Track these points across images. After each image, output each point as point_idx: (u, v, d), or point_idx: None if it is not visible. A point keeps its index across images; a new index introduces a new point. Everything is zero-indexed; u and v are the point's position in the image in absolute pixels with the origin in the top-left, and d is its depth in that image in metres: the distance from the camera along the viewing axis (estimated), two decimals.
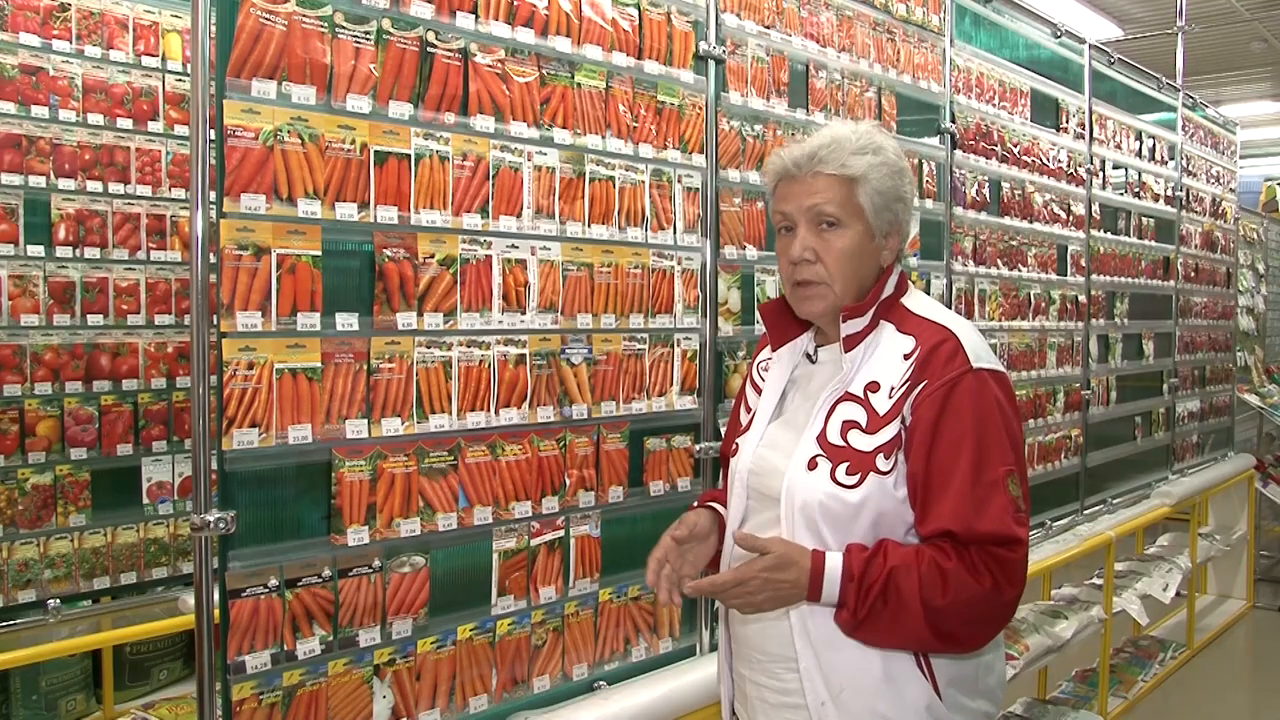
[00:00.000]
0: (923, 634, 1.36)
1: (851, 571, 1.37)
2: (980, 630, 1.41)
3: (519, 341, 1.93)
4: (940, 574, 1.35)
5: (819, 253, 1.48)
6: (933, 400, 1.39)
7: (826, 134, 1.50)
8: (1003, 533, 1.36)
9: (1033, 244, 3.72)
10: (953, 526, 1.36)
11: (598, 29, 2.07)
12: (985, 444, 1.38)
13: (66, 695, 3.08)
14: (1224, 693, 4.53)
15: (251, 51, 1.56)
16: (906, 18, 2.96)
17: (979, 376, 1.41)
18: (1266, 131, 11.38)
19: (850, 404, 1.45)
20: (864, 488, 1.40)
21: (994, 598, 1.36)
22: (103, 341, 2.80)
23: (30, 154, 2.67)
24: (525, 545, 1.97)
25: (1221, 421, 5.65)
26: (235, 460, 1.56)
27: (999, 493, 1.37)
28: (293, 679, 1.63)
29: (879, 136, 1.51)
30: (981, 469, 1.37)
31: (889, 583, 1.35)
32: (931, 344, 1.43)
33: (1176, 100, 5.01)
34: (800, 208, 1.48)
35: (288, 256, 1.60)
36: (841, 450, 1.43)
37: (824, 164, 1.47)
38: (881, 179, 1.48)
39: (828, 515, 1.41)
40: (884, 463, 1.41)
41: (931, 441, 1.38)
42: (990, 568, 1.35)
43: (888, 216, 1.50)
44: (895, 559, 1.37)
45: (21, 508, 2.65)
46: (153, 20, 2.87)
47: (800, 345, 1.62)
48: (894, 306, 1.51)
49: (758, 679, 1.53)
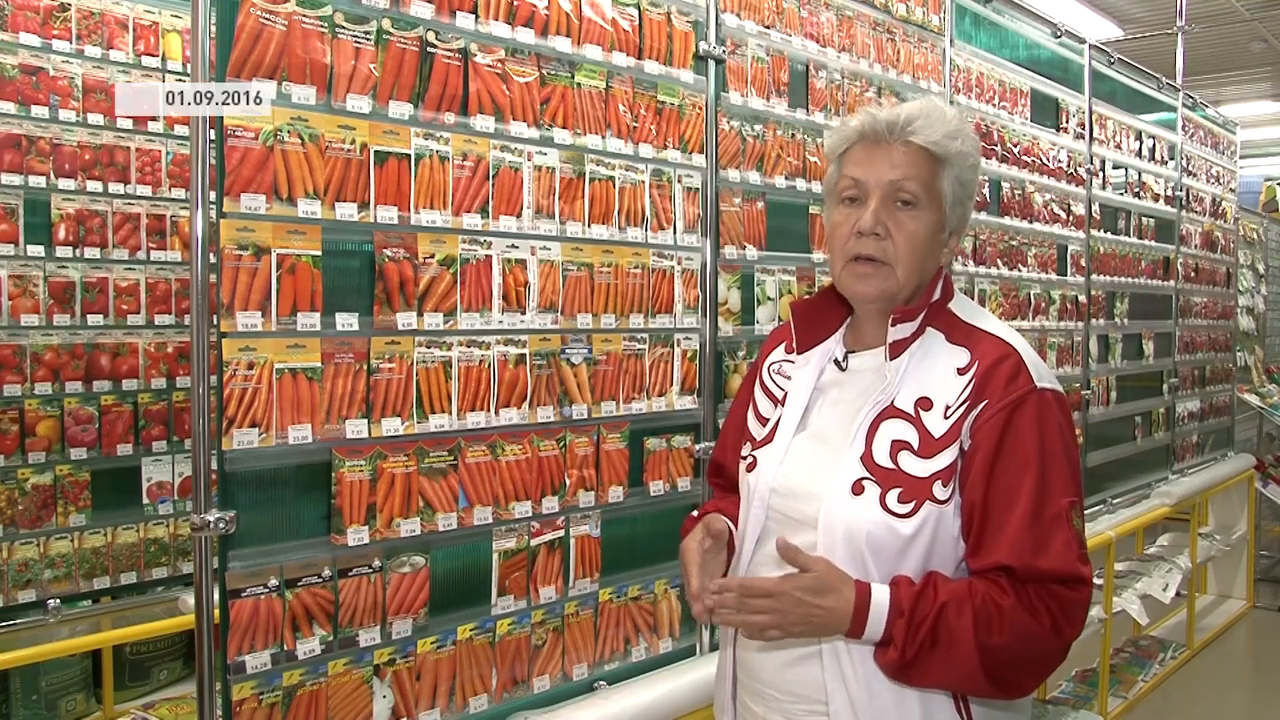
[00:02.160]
0: (974, 676, 1.24)
1: (901, 607, 1.24)
2: (1033, 674, 1.31)
3: (519, 341, 1.93)
4: (997, 611, 1.23)
5: (891, 230, 1.34)
6: (994, 423, 1.27)
7: (921, 104, 1.37)
8: (1066, 571, 1.24)
9: (1033, 244, 3.72)
10: (1012, 562, 1.24)
11: (598, 29, 2.07)
12: (1049, 473, 1.26)
13: (66, 695, 3.08)
14: (1224, 693, 4.53)
15: (251, 51, 1.56)
16: (906, 18, 2.96)
17: (1043, 398, 1.29)
18: (1266, 131, 11.38)
19: (899, 421, 1.32)
20: (918, 517, 1.28)
21: (1051, 640, 1.25)
22: (103, 341, 2.80)
23: (30, 154, 2.67)
24: (525, 545, 1.97)
25: (1221, 421, 5.65)
26: (235, 460, 1.56)
27: (1062, 527, 1.25)
28: (293, 679, 1.63)
29: (966, 126, 1.39)
30: (1044, 501, 1.25)
31: (939, 620, 1.23)
32: (991, 360, 1.31)
33: (1176, 100, 5.01)
34: (879, 179, 1.34)
35: (288, 256, 1.60)
36: (892, 474, 1.30)
37: (915, 134, 1.34)
38: (965, 169, 1.37)
39: (875, 546, 1.28)
40: (941, 490, 1.28)
41: (991, 469, 1.26)
42: (1050, 607, 1.24)
43: (960, 212, 1.39)
44: (946, 594, 1.25)
45: (21, 508, 2.65)
46: (153, 20, 2.87)
47: (829, 350, 1.47)
48: (941, 312, 1.39)
49: (773, 718, 1.39)
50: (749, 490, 1.45)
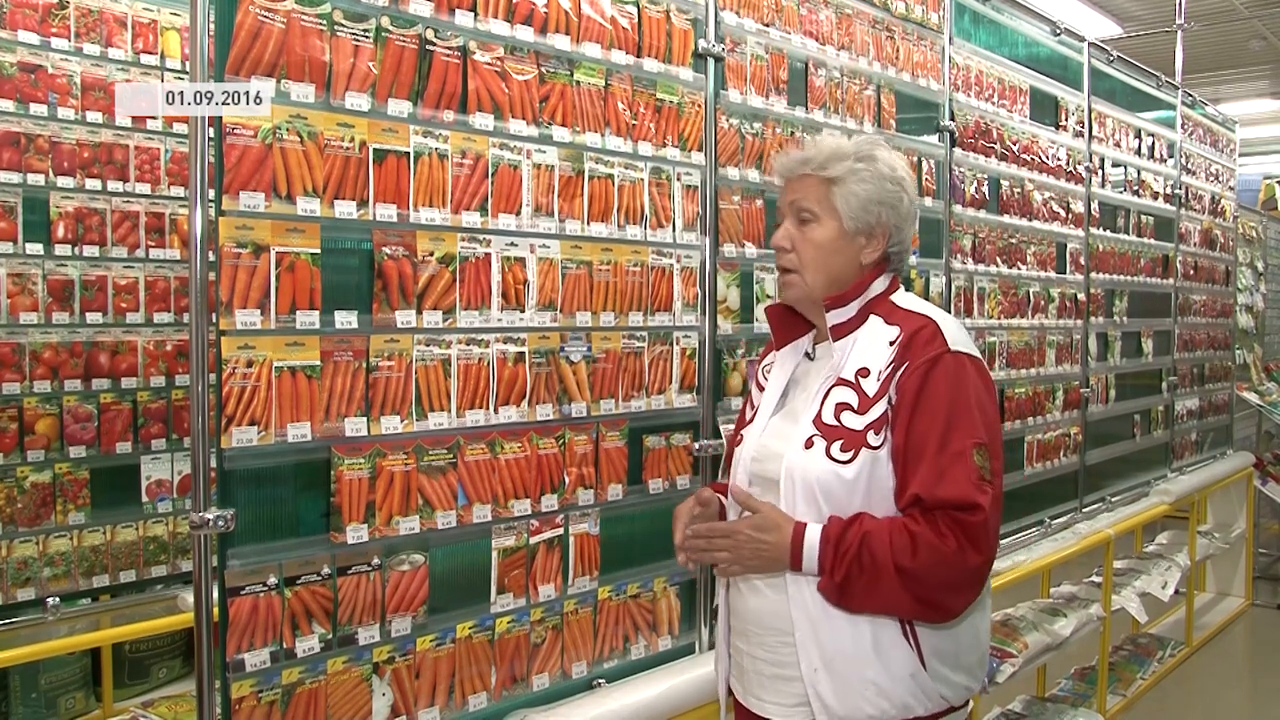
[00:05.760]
0: (900, 598, 1.46)
1: (829, 536, 1.48)
2: (953, 596, 1.49)
3: (518, 339, 1.93)
4: (909, 537, 1.44)
5: (795, 243, 1.63)
6: (914, 378, 1.50)
7: (819, 144, 1.64)
8: (963, 498, 1.44)
9: (1032, 242, 3.72)
10: (920, 491, 1.46)
11: (597, 27, 2.06)
12: (955, 418, 1.48)
13: (66, 693, 3.08)
14: (1223, 690, 4.53)
15: (250, 49, 1.56)
16: (906, 15, 2.96)
17: (956, 358, 1.52)
18: (1265, 129, 11.37)
19: (842, 388, 1.57)
20: (857, 463, 1.50)
21: (959, 561, 1.44)
22: (102, 339, 2.79)
23: (29, 152, 2.67)
24: (524, 543, 1.97)
25: (1220, 419, 5.66)
26: (234, 458, 1.56)
27: (963, 462, 1.46)
28: (292, 677, 1.63)
29: (874, 149, 1.63)
30: (947, 440, 1.47)
31: (862, 546, 1.45)
32: (913, 328, 1.55)
33: (1176, 98, 5.01)
34: (787, 203, 1.65)
35: (287, 254, 1.60)
36: (835, 429, 1.53)
37: (807, 165, 1.63)
38: (862, 185, 1.59)
39: (826, 491, 1.51)
40: (875, 439, 1.51)
41: (911, 416, 1.49)
42: (953, 530, 1.44)
43: (867, 219, 1.60)
44: (869, 525, 1.47)
45: (20, 506, 2.65)
46: (151, 18, 2.86)
47: (801, 345, 1.73)
48: (882, 302, 1.62)
49: (755, 652, 1.63)
50: (737, 461, 1.70)
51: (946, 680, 1.56)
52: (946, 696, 1.56)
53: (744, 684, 1.67)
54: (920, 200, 3.03)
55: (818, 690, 1.52)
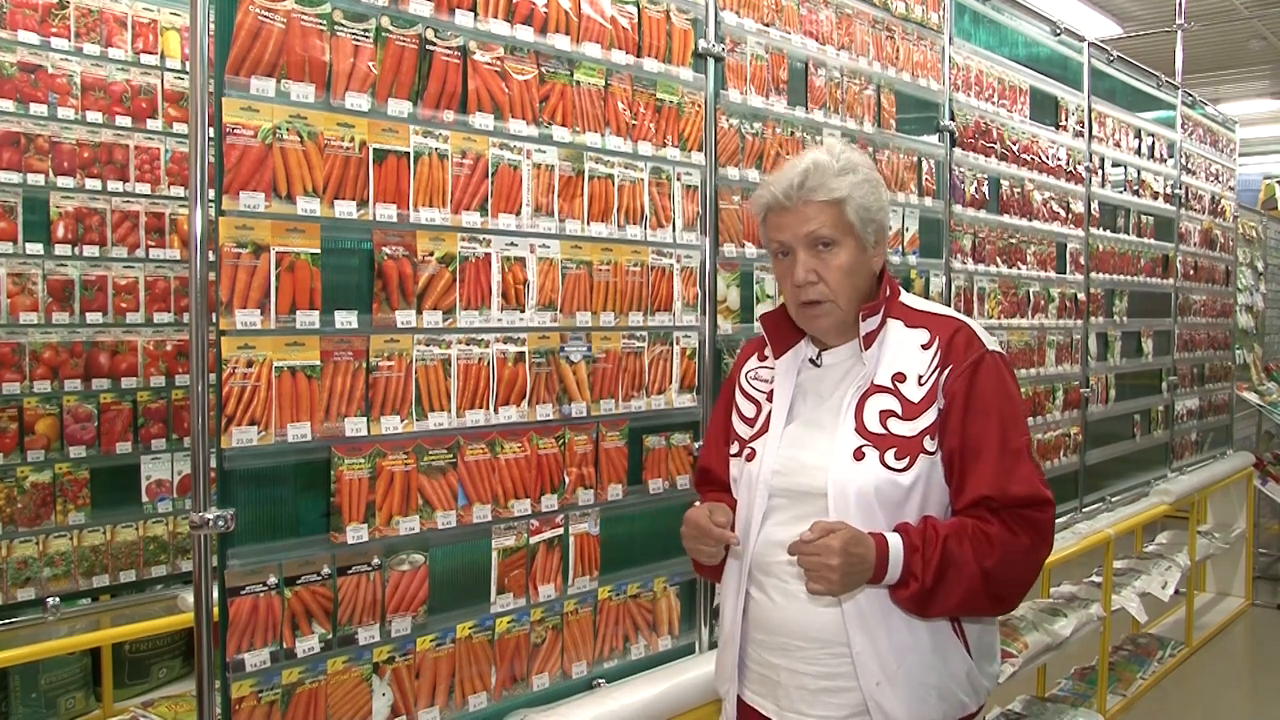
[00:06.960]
0: (979, 596, 1.48)
1: (914, 544, 1.46)
2: (1020, 589, 1.54)
3: (518, 339, 1.93)
4: (986, 537, 1.47)
5: (820, 273, 1.57)
6: (961, 381, 1.52)
7: (806, 161, 1.58)
8: (1034, 495, 1.49)
9: (1032, 242, 3.72)
10: (989, 492, 1.48)
11: (597, 27, 2.06)
12: (1007, 417, 1.52)
13: (66, 693, 3.08)
14: (1223, 690, 4.53)
15: (250, 49, 1.56)
16: (906, 15, 2.96)
17: (994, 358, 1.56)
18: (1265, 129, 11.37)
19: (882, 395, 1.56)
20: (914, 470, 1.51)
21: (1032, 557, 1.50)
22: (102, 339, 2.79)
23: (29, 152, 2.67)
24: (524, 543, 1.97)
25: (1220, 419, 5.65)
26: (234, 458, 1.56)
27: (1025, 459, 1.51)
28: (292, 677, 1.63)
29: (852, 155, 1.62)
30: (1007, 440, 1.50)
31: (945, 551, 1.45)
32: (949, 333, 1.57)
33: (1176, 98, 5.01)
34: (797, 235, 1.57)
35: (287, 254, 1.60)
36: (885, 437, 1.53)
37: (812, 191, 1.56)
38: (864, 195, 1.58)
39: (883, 499, 1.50)
40: (930, 444, 1.52)
41: (964, 417, 1.51)
42: (1025, 527, 1.48)
43: (873, 227, 1.60)
44: (945, 529, 1.48)
45: (20, 506, 2.65)
46: (151, 18, 2.86)
47: (801, 352, 1.69)
48: (895, 304, 1.63)
49: (796, 666, 1.58)
50: (750, 478, 1.63)
51: (988, 672, 1.62)
52: (987, 688, 1.62)
53: (779, 700, 1.60)
54: (920, 200, 3.03)
55: (880, 702, 1.51)
